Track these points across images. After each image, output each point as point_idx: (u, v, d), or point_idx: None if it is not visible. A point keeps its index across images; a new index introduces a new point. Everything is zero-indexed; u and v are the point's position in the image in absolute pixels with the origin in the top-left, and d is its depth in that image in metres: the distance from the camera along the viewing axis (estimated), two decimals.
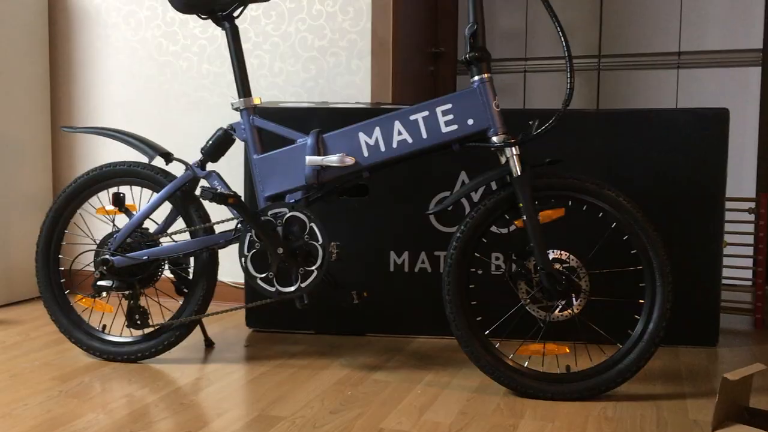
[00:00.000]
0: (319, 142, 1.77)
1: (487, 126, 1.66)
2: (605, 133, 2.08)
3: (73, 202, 1.96)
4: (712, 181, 2.05)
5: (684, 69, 3.32)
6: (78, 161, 2.84)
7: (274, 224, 1.77)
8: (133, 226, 1.88)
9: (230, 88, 2.63)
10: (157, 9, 2.69)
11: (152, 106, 2.72)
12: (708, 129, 2.04)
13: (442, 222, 2.15)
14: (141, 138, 1.95)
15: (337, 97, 2.53)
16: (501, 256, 2.13)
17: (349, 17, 2.49)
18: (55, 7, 2.81)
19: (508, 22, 3.61)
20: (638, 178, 2.07)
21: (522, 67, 3.59)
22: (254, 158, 1.84)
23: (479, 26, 1.65)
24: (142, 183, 1.93)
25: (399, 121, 1.72)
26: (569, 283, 1.63)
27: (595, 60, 3.47)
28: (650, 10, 3.37)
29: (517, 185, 1.63)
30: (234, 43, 1.86)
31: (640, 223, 1.63)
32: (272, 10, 2.56)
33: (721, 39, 3.26)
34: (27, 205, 2.70)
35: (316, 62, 2.54)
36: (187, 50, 2.67)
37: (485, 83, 1.66)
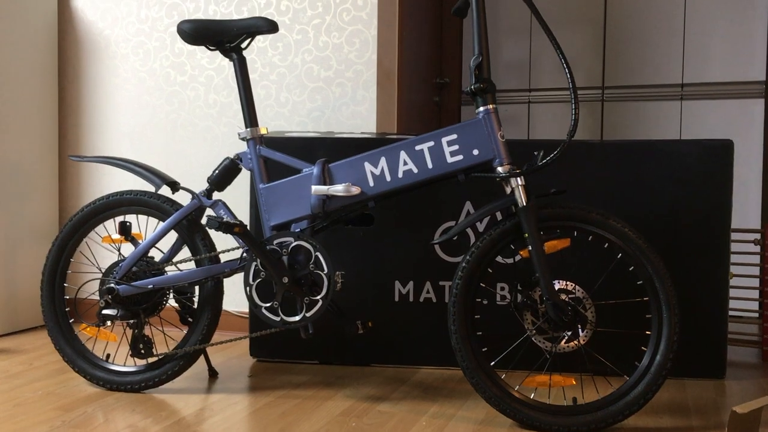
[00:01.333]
0: (325, 171, 1.78)
1: (492, 156, 1.67)
2: (610, 164, 2.08)
3: (79, 230, 1.97)
4: (718, 213, 2.05)
5: (687, 100, 3.34)
6: (85, 190, 2.85)
7: (280, 253, 1.77)
8: (138, 255, 1.89)
9: (237, 117, 2.66)
10: (166, 40, 2.72)
11: (159, 136, 2.75)
12: (713, 160, 2.05)
13: (447, 252, 2.15)
14: (148, 167, 1.96)
15: (342, 127, 2.54)
16: (506, 287, 2.12)
17: (355, 48, 2.52)
18: (64, 38, 2.85)
19: (512, 54, 3.65)
20: (643, 209, 2.07)
21: (526, 98, 3.62)
22: (260, 187, 1.85)
23: (484, 58, 1.66)
24: (149, 212, 1.94)
25: (404, 151, 1.73)
26: (575, 313, 1.63)
27: (598, 91, 3.49)
28: (653, 42, 3.41)
29: (523, 215, 1.63)
30: (241, 73, 1.88)
31: (646, 253, 1.62)
32: (279, 42, 2.60)
33: (724, 71, 3.29)
34: (33, 233, 2.71)
35: (322, 93, 2.56)
36: (194, 80, 2.70)
37: (490, 114, 1.67)
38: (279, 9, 2.59)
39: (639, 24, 3.43)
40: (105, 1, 2.79)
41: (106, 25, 2.79)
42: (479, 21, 1.66)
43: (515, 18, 3.63)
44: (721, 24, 3.30)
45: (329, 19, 2.54)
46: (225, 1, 2.64)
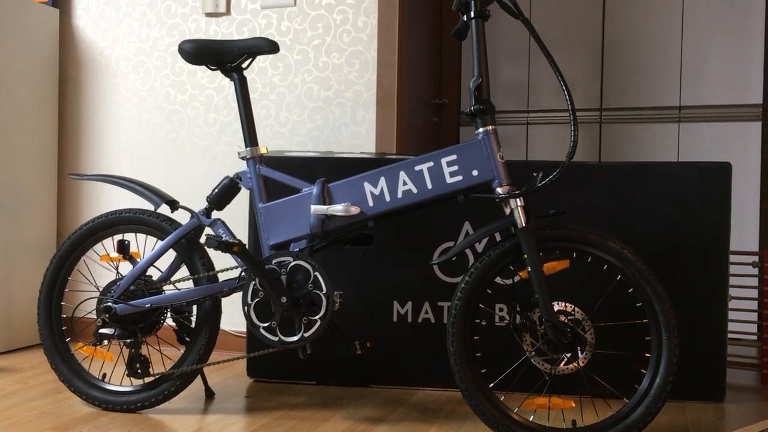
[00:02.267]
0: (325, 191, 1.78)
1: (491, 177, 1.67)
2: (608, 185, 2.09)
3: (77, 248, 1.97)
4: (716, 235, 2.05)
5: (685, 123, 3.35)
6: (83, 208, 2.85)
7: (279, 273, 1.77)
8: (136, 274, 1.88)
9: (236, 136, 2.66)
10: (167, 59, 2.74)
11: (159, 154, 2.75)
12: (711, 183, 2.05)
13: (446, 272, 2.14)
14: (147, 185, 1.96)
15: (342, 147, 2.55)
16: (505, 308, 2.12)
17: (354, 69, 2.54)
18: (66, 57, 2.86)
19: (511, 75, 3.67)
20: (642, 230, 2.07)
21: (524, 119, 3.63)
22: (259, 207, 1.85)
23: (484, 80, 1.67)
24: (148, 230, 1.94)
25: (404, 172, 1.73)
26: (574, 335, 1.62)
27: (596, 113, 3.51)
28: (651, 65, 3.43)
29: (522, 236, 1.63)
30: (242, 93, 1.89)
31: (645, 275, 1.62)
32: (279, 62, 2.61)
33: (721, 94, 3.31)
34: (31, 251, 2.70)
35: (322, 112, 2.57)
36: (194, 99, 2.71)
37: (490, 135, 1.68)
38: (280, 30, 2.61)
39: (637, 47, 3.46)
40: (106, 21, 2.81)
41: (107, 45, 2.81)
42: (479, 43, 1.68)
43: (514, 40, 3.66)
44: (718, 47, 3.33)
45: (329, 40, 2.56)
46: (226, 22, 2.66)
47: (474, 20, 1.68)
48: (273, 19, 2.61)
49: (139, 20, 2.77)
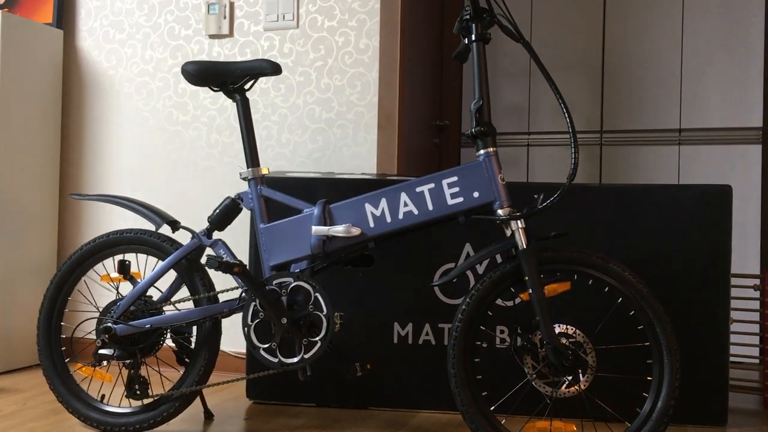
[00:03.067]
0: (326, 212, 1.78)
1: (492, 199, 1.68)
2: (609, 207, 2.09)
3: (78, 269, 1.96)
4: (717, 258, 2.05)
5: (685, 145, 3.36)
6: (84, 228, 2.85)
7: (279, 294, 1.77)
8: (137, 294, 1.88)
9: (238, 157, 2.67)
10: (170, 80, 2.75)
11: (160, 175, 2.76)
12: (711, 205, 2.05)
13: (446, 294, 2.14)
14: (148, 206, 1.97)
15: (343, 168, 2.56)
16: (506, 330, 2.11)
17: (356, 91, 2.55)
18: (69, 78, 2.88)
19: (512, 97, 3.69)
20: (643, 253, 2.07)
21: (525, 140, 3.65)
22: (261, 227, 1.85)
23: (484, 102, 1.68)
24: (148, 251, 1.93)
25: (405, 193, 1.73)
26: (576, 358, 1.61)
27: (597, 135, 3.52)
28: (650, 87, 3.45)
29: (523, 258, 1.63)
30: (244, 114, 1.89)
31: (646, 298, 1.62)
32: (281, 83, 2.63)
33: (721, 117, 3.32)
34: (31, 271, 2.70)
35: (324, 134, 2.58)
36: (196, 120, 2.72)
37: (490, 157, 1.68)
38: (282, 51, 2.63)
39: (636, 69, 3.48)
40: (110, 42, 2.83)
41: (111, 66, 2.83)
42: (480, 66, 1.69)
43: (515, 62, 3.68)
44: (718, 71, 3.35)
45: (331, 62, 2.58)
46: (229, 43, 2.68)
47: (475, 43, 1.69)
48: (275, 41, 2.63)
49: (143, 42, 2.79)
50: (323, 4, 2.58)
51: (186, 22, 2.74)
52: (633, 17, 3.50)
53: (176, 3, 2.75)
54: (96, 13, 2.86)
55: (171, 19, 2.76)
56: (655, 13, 3.46)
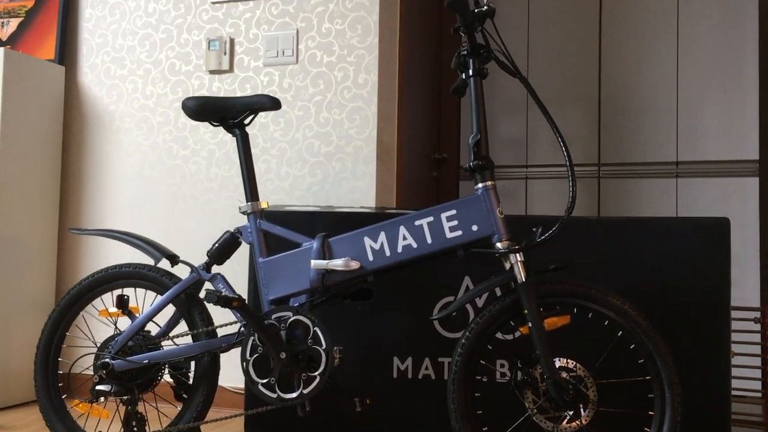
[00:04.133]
0: (325, 246, 1.78)
1: (491, 232, 1.68)
2: (608, 240, 2.09)
3: (76, 303, 1.96)
4: (717, 291, 2.05)
5: (682, 178, 3.38)
6: (84, 262, 2.85)
7: (278, 328, 1.76)
8: (135, 329, 1.87)
9: (237, 191, 2.68)
10: (170, 115, 2.78)
11: (160, 209, 2.77)
12: (709, 238, 2.06)
13: (446, 328, 2.13)
14: (147, 240, 1.97)
15: (342, 202, 2.57)
16: (506, 364, 2.10)
17: (355, 125, 2.57)
18: (70, 113, 2.90)
19: (510, 130, 3.71)
20: (642, 286, 2.07)
21: (524, 173, 3.66)
22: (260, 261, 1.85)
23: (482, 136, 1.69)
24: (147, 285, 1.93)
25: (404, 226, 1.74)
26: (577, 392, 1.60)
27: (595, 168, 3.54)
28: (647, 120, 3.48)
29: (522, 291, 1.62)
30: (244, 149, 1.91)
31: (646, 331, 1.61)
32: (281, 117, 2.65)
33: (717, 149, 3.35)
34: (29, 306, 2.69)
35: (323, 167, 2.60)
36: (196, 154, 2.74)
37: (489, 190, 1.69)
38: (282, 86, 2.65)
39: (633, 102, 3.51)
40: (112, 78, 2.86)
41: (112, 101, 2.85)
42: (477, 100, 1.70)
43: (513, 95, 3.72)
44: (713, 103, 3.38)
45: (330, 96, 2.60)
46: (229, 78, 2.71)
47: (472, 78, 1.71)
48: (275, 76, 2.66)
49: (144, 77, 2.82)
50: (322, 40, 2.61)
51: (187, 58, 2.77)
52: (628, 51, 3.54)
53: (177, 39, 2.78)
54: (98, 49, 2.89)
55: (172, 55, 2.79)
56: (649, 46, 3.50)
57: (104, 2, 2.90)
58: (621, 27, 3.55)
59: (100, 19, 2.90)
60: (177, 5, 2.79)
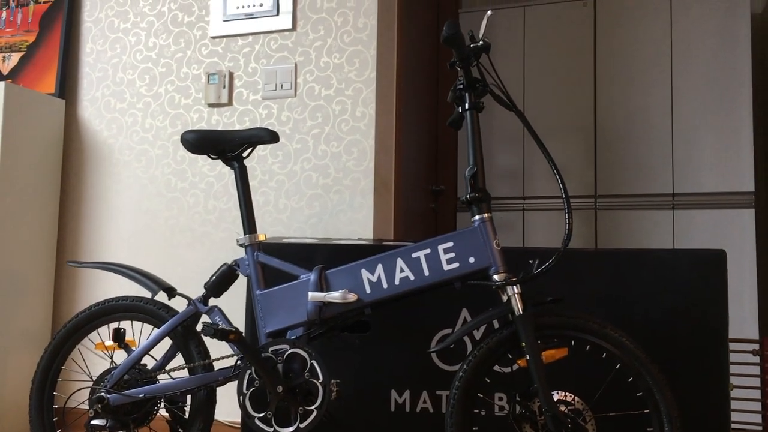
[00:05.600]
0: (322, 278, 1.78)
1: (488, 264, 1.68)
2: (605, 272, 2.10)
3: (73, 337, 1.95)
4: (715, 323, 2.04)
5: (679, 210, 3.39)
6: (80, 295, 2.84)
7: (275, 361, 1.75)
8: (131, 363, 1.86)
9: (235, 223, 2.69)
10: (169, 148, 2.79)
11: (158, 241, 2.77)
12: (706, 270, 2.06)
13: (444, 360, 2.12)
14: (145, 273, 1.97)
15: (340, 234, 2.57)
16: (504, 397, 2.08)
17: (353, 157, 2.59)
18: (70, 146, 2.92)
19: (507, 162, 3.74)
20: (639, 318, 2.06)
21: (520, 205, 3.68)
22: (257, 294, 1.85)
23: (479, 168, 1.71)
24: (144, 318, 1.93)
25: (401, 259, 1.74)
26: (575, 426, 1.59)
27: (591, 199, 3.55)
28: (642, 153, 3.50)
29: (520, 324, 1.62)
30: (242, 182, 1.92)
31: (645, 364, 1.61)
32: (279, 150, 2.66)
33: (713, 181, 3.36)
34: (25, 339, 2.68)
35: (320, 199, 2.61)
36: (194, 187, 2.75)
37: (486, 223, 1.70)
38: (280, 119, 2.67)
39: (628, 134, 3.54)
40: (111, 112, 2.88)
41: (111, 134, 2.87)
42: (473, 133, 1.72)
43: (509, 127, 3.75)
44: (708, 136, 3.41)
45: (328, 129, 2.62)
46: (228, 112, 2.73)
47: (468, 112, 1.73)
48: (273, 109, 2.69)
49: (144, 111, 2.84)
50: (320, 74, 2.64)
51: (186, 92, 2.79)
52: (622, 83, 3.58)
53: (177, 73, 2.81)
54: (98, 83, 2.92)
55: (172, 88, 2.81)
56: (643, 79, 3.54)
57: (105, 37, 2.94)
58: (615, 60, 3.60)
59: (101, 54, 2.93)
60: (177, 40, 2.83)
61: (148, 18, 2.88)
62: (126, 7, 2.92)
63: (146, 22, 2.88)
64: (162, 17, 2.86)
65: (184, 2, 2.84)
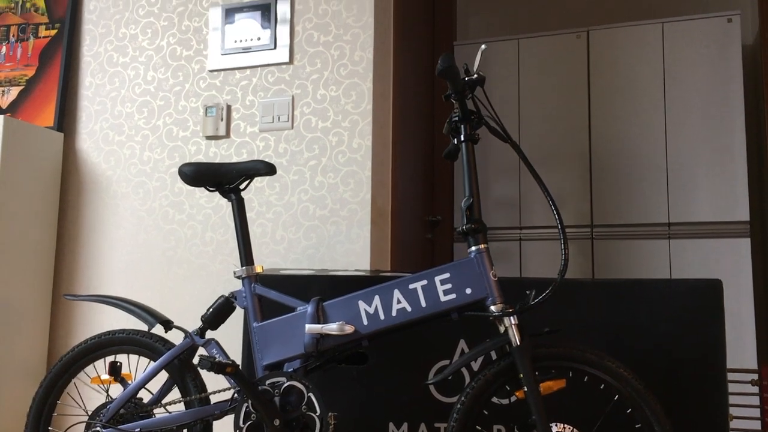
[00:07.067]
0: (319, 310, 1.78)
1: (484, 295, 1.68)
2: (602, 302, 2.10)
3: (69, 370, 1.94)
4: (712, 353, 2.04)
5: (675, 239, 3.40)
6: (76, 328, 2.83)
7: (272, 394, 1.74)
8: (127, 397, 1.85)
9: (232, 255, 2.69)
10: (167, 180, 2.80)
11: (155, 273, 2.76)
12: (703, 300, 2.06)
13: (442, 392, 2.11)
14: (141, 305, 1.96)
15: (337, 265, 2.57)
16: (503, 429, 2.07)
17: (349, 188, 2.60)
18: (67, 179, 2.93)
19: (503, 192, 3.75)
20: (637, 348, 2.06)
21: (517, 235, 3.69)
22: (254, 326, 1.84)
23: (475, 199, 1.72)
24: (140, 351, 1.92)
25: (398, 290, 1.74)
26: None
27: (587, 229, 3.56)
28: (637, 182, 3.52)
29: (517, 355, 1.62)
30: (239, 214, 1.92)
31: (643, 395, 1.60)
32: (276, 182, 2.68)
33: (709, 211, 3.38)
34: (21, 373, 2.66)
35: (317, 230, 2.61)
36: (192, 219, 2.75)
37: (482, 253, 1.70)
38: (277, 151, 2.69)
39: (624, 164, 3.56)
40: (109, 144, 2.90)
41: (109, 167, 2.89)
42: (469, 165, 1.73)
43: (505, 157, 3.77)
44: (703, 165, 3.43)
45: (325, 160, 2.64)
46: (225, 144, 2.75)
47: (464, 143, 1.74)
48: (271, 141, 2.70)
49: (141, 143, 2.86)
50: (317, 106, 2.66)
51: (184, 124, 2.81)
52: (617, 113, 3.61)
53: (175, 106, 2.84)
54: (96, 116, 2.94)
55: (170, 121, 2.84)
56: (637, 109, 3.58)
57: (104, 71, 2.97)
58: (609, 91, 3.64)
59: (100, 87, 2.96)
60: (176, 73, 2.86)
61: (147, 52, 2.91)
62: (125, 42, 2.95)
63: (145, 56, 2.91)
64: (161, 51, 2.89)
65: (183, 36, 2.87)
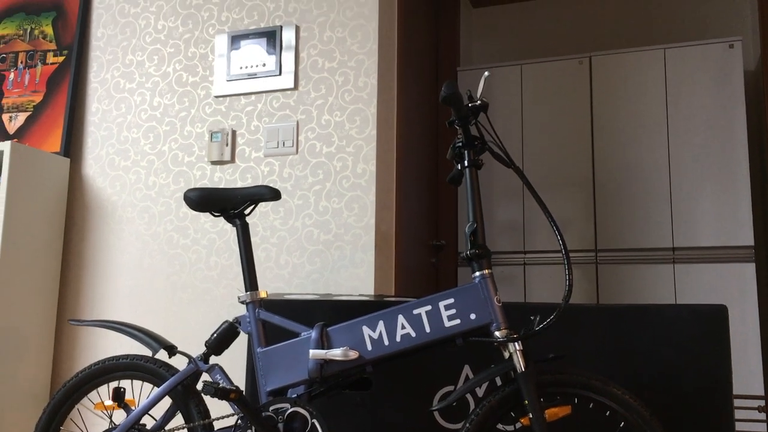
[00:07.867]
0: (323, 335, 1.78)
1: (489, 321, 1.68)
2: (606, 328, 2.09)
3: (72, 397, 1.93)
4: (718, 379, 2.03)
5: (680, 264, 3.40)
6: (80, 353, 2.82)
7: (276, 420, 1.73)
8: (130, 423, 1.84)
9: (236, 279, 2.69)
10: (171, 205, 2.82)
11: (159, 298, 2.77)
12: (708, 325, 2.05)
13: (446, 418, 2.10)
14: (145, 331, 1.96)
15: (341, 289, 2.57)
16: None
17: (353, 213, 2.61)
18: (73, 204, 2.95)
19: (507, 216, 3.76)
20: (642, 374, 2.05)
21: (521, 259, 3.68)
22: (258, 351, 1.84)
23: (479, 225, 1.72)
24: (144, 377, 1.91)
25: (402, 315, 1.74)
26: None
27: (592, 254, 3.56)
28: (641, 207, 3.52)
29: (522, 381, 1.61)
30: (244, 239, 1.93)
31: (648, 422, 1.59)
32: (281, 207, 2.69)
33: (713, 236, 3.38)
34: (23, 399, 2.65)
35: (321, 255, 2.62)
36: (197, 243, 2.76)
37: (486, 279, 1.70)
38: (281, 176, 2.70)
39: (627, 188, 3.57)
40: (115, 169, 2.92)
41: (114, 192, 2.90)
42: (473, 190, 1.74)
43: (509, 182, 3.78)
44: (706, 190, 3.43)
45: (329, 185, 2.65)
46: (230, 169, 2.77)
47: (468, 169, 1.75)
48: (275, 166, 2.72)
49: (147, 168, 2.88)
50: (322, 131, 2.68)
51: (189, 150, 2.83)
52: (620, 138, 3.62)
53: (181, 132, 2.86)
54: (103, 141, 2.97)
55: (175, 146, 2.86)
56: (641, 134, 3.59)
57: (111, 97, 3.00)
58: (612, 116, 3.65)
59: (106, 113, 2.99)
60: (181, 99, 2.88)
61: (153, 78, 2.94)
62: (132, 68, 2.99)
63: (151, 83, 2.94)
64: (167, 77, 2.92)
65: (189, 63, 2.90)
